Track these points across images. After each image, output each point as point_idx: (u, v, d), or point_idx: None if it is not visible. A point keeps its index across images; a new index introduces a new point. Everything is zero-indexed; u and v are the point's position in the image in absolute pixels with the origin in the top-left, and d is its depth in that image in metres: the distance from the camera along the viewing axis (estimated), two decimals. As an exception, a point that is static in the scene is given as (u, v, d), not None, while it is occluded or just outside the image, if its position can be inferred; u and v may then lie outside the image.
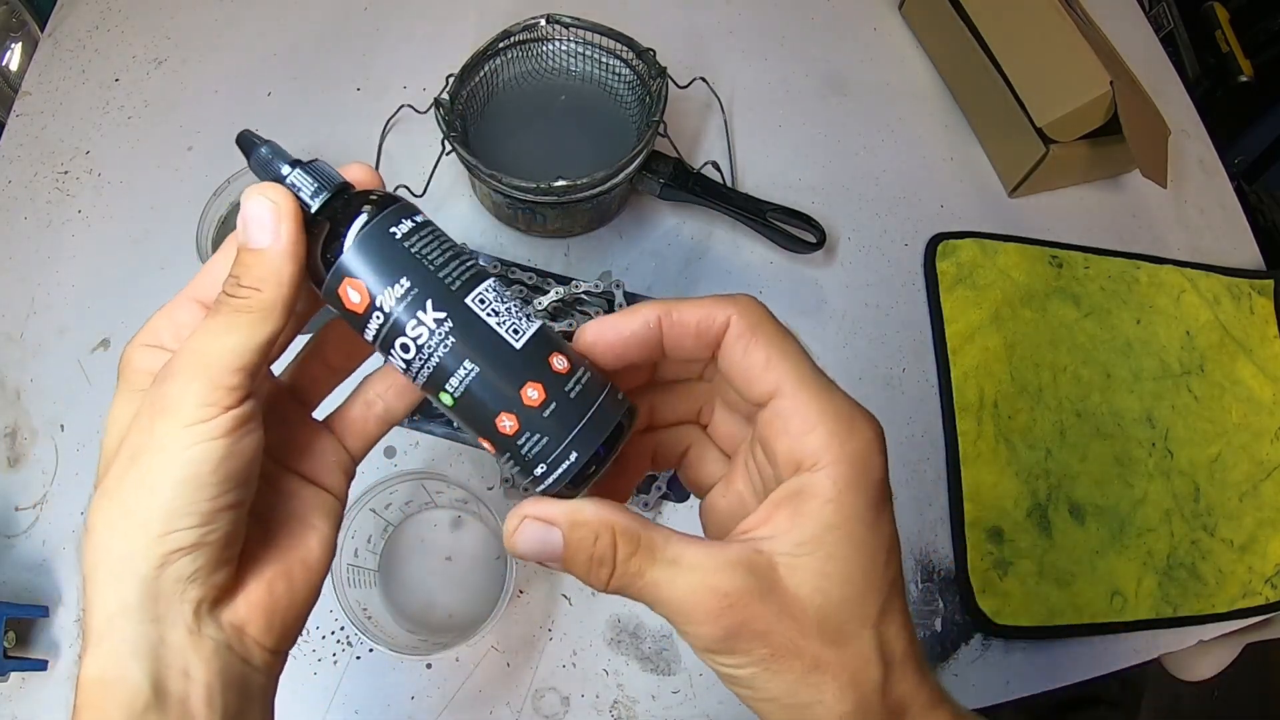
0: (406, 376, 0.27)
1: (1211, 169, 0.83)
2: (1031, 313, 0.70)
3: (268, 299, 0.26)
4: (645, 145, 0.61)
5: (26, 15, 0.76)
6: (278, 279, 0.26)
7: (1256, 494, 0.66)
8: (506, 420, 0.26)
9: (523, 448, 0.26)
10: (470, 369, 0.26)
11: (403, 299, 0.26)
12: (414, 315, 0.26)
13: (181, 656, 0.25)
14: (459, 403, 0.26)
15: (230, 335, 0.26)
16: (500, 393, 0.26)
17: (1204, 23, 1.21)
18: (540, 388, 0.26)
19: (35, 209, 0.68)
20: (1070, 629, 0.60)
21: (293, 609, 0.29)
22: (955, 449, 0.64)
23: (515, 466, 0.27)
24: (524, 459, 0.26)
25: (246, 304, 0.26)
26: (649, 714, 0.55)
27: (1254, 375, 0.71)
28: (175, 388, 0.25)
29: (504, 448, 0.26)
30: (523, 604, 0.57)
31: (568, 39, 0.67)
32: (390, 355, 0.27)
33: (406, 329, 0.26)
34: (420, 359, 0.26)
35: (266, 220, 0.26)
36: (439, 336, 0.26)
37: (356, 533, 0.53)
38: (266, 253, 0.26)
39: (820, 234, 0.67)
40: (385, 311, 0.26)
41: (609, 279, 0.66)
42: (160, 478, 0.25)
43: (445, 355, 0.26)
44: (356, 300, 0.26)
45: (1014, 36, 0.72)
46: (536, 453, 0.26)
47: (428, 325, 0.26)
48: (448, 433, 0.61)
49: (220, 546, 0.26)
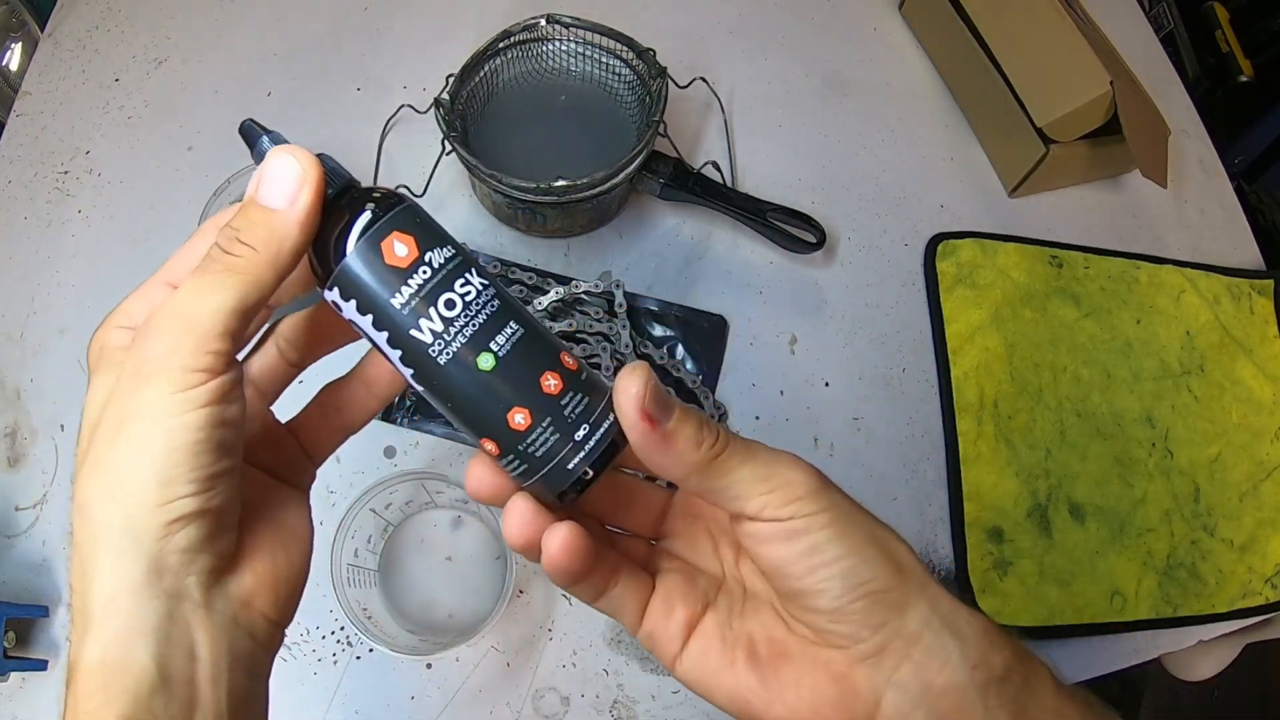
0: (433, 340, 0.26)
1: (1211, 169, 0.83)
2: (1031, 313, 0.70)
3: (264, 260, 0.25)
4: (645, 145, 0.61)
5: (26, 15, 0.76)
6: (280, 244, 0.25)
7: (1256, 494, 0.66)
8: (551, 379, 0.26)
9: (565, 406, 0.26)
10: (516, 329, 0.26)
11: (451, 259, 0.26)
12: (462, 274, 0.26)
13: (188, 634, 0.24)
14: (502, 362, 0.26)
15: (219, 294, 0.24)
16: (545, 353, 0.27)
17: (1204, 23, 1.21)
18: (573, 357, 0.28)
19: (35, 209, 0.68)
20: (1070, 629, 0.60)
21: (294, 579, 0.28)
22: (955, 449, 0.64)
23: (553, 431, 0.26)
24: (566, 420, 0.26)
25: (241, 262, 0.25)
26: (649, 714, 0.55)
27: (1254, 375, 0.71)
28: (159, 349, 0.24)
29: (544, 411, 0.26)
30: (523, 604, 0.57)
31: (568, 39, 0.67)
32: (425, 317, 0.26)
33: (455, 285, 0.26)
34: (466, 316, 0.26)
35: (290, 181, 0.25)
36: (486, 296, 0.26)
37: (356, 533, 0.53)
38: (279, 215, 0.25)
39: (820, 234, 0.67)
40: (434, 266, 0.26)
41: (609, 279, 0.66)
42: (153, 446, 0.23)
43: (492, 313, 0.26)
44: (404, 253, 0.26)
45: (1014, 36, 0.72)
46: (581, 411, 0.26)
47: (475, 285, 0.26)
48: (448, 433, 0.61)
49: (220, 514, 0.25)
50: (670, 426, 0.26)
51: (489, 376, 0.26)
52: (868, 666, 0.27)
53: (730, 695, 0.29)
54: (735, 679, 0.29)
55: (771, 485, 0.26)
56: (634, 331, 0.64)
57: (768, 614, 0.30)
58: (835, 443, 0.64)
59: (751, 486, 0.26)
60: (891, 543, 0.28)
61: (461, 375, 0.26)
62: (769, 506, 0.26)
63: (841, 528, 0.26)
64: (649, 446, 0.26)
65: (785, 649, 0.29)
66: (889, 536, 0.28)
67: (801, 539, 0.26)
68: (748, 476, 0.26)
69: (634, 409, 0.25)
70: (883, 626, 0.27)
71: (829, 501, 0.27)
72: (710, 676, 0.29)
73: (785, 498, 0.26)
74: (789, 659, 0.28)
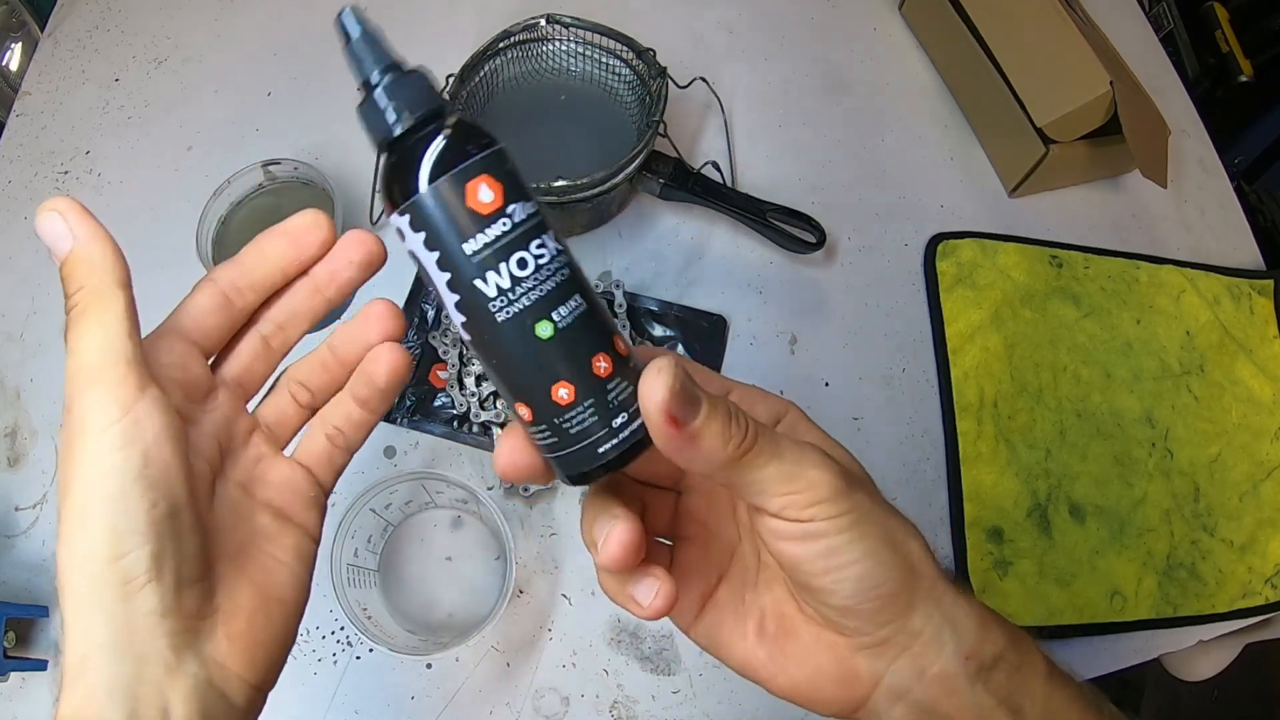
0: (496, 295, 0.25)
1: (1211, 169, 0.83)
2: (1031, 313, 0.70)
3: (96, 286, 0.26)
4: (645, 145, 0.61)
5: (26, 15, 0.76)
6: (91, 266, 0.26)
7: (1256, 494, 0.66)
8: (603, 361, 0.26)
9: (610, 391, 0.26)
10: (580, 303, 0.26)
11: (532, 217, 0.25)
12: (539, 235, 0.25)
13: (161, 695, 0.24)
14: (560, 333, 0.25)
15: (88, 338, 0.25)
16: (602, 332, 0.26)
17: (1204, 23, 1.22)
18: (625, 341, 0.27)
19: (35, 209, 0.67)
20: (1070, 629, 0.60)
21: (275, 643, 0.28)
22: (955, 449, 0.64)
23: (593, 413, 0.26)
24: (608, 404, 0.26)
25: (82, 306, 0.26)
26: (649, 714, 0.55)
27: (1254, 375, 0.71)
28: (78, 408, 0.24)
29: (590, 391, 0.25)
30: (523, 604, 0.57)
31: (568, 39, 0.67)
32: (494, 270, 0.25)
33: (531, 245, 0.25)
34: (535, 279, 0.25)
35: (59, 230, 0.27)
36: (559, 263, 0.25)
37: (356, 533, 0.53)
38: (72, 255, 0.27)
39: (820, 234, 0.67)
40: (515, 220, 0.25)
41: (609, 279, 0.66)
42: (90, 500, 0.24)
43: (560, 282, 0.25)
44: (488, 199, 0.25)
45: (1014, 36, 0.72)
46: (624, 398, 0.26)
47: (550, 249, 0.25)
48: (447, 432, 0.61)
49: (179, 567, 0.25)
50: (696, 425, 0.25)
51: (544, 345, 0.25)
52: (869, 655, 0.29)
53: (740, 663, 0.31)
54: (745, 649, 0.31)
55: (795, 486, 0.26)
56: (634, 331, 0.64)
57: (780, 589, 0.31)
58: (835, 443, 0.64)
59: (775, 485, 0.26)
60: (907, 542, 0.28)
61: (517, 337, 0.25)
62: (790, 507, 0.26)
63: (860, 531, 0.27)
64: (674, 448, 0.25)
65: (793, 627, 0.30)
66: (906, 535, 0.28)
67: (819, 541, 0.27)
68: (773, 475, 0.26)
69: (659, 412, 0.24)
70: (888, 624, 0.28)
71: (850, 504, 0.27)
72: (722, 646, 0.31)
73: (808, 500, 0.26)
74: (796, 637, 0.30)
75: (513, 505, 0.60)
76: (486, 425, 0.60)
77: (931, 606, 0.28)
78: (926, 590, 0.28)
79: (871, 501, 0.28)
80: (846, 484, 0.27)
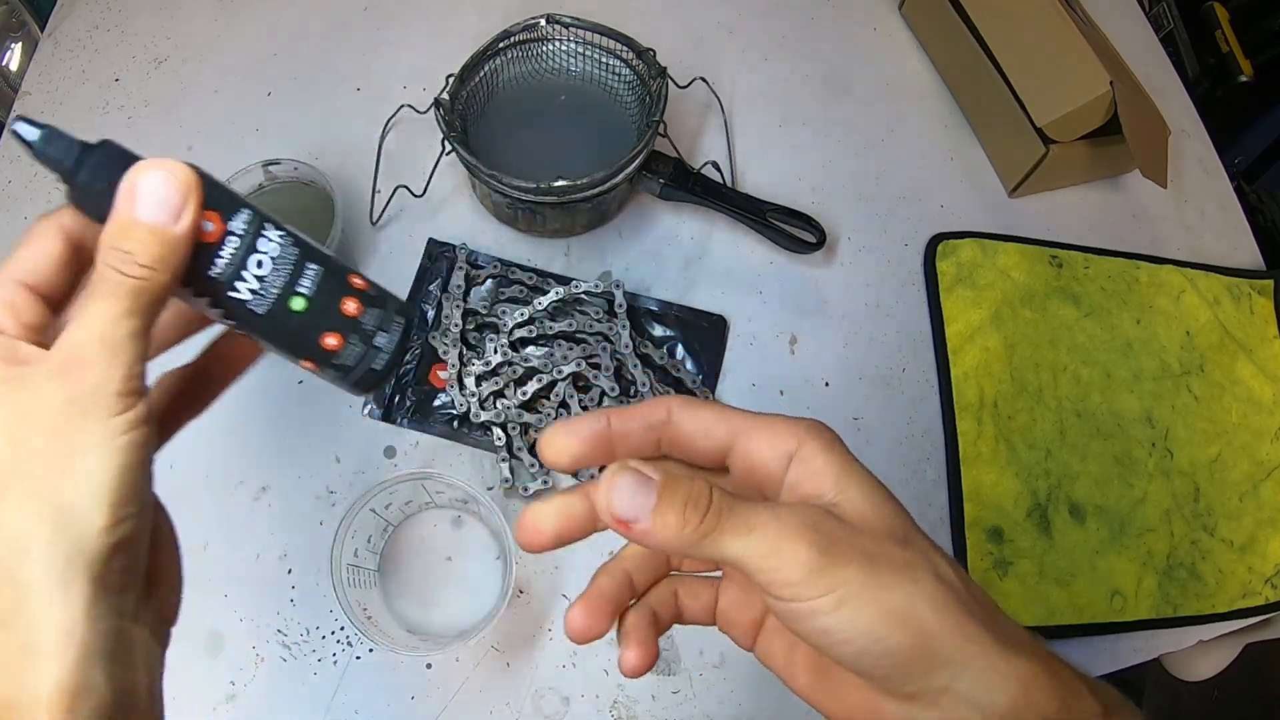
0: (251, 298, 0.29)
1: (1211, 169, 0.83)
2: (1031, 313, 0.70)
3: (164, 279, 0.25)
4: (645, 145, 0.61)
5: (26, 15, 0.76)
6: (175, 261, 0.25)
7: (1256, 494, 0.66)
8: (350, 304, 0.30)
9: (364, 323, 0.31)
10: (316, 268, 0.30)
11: (251, 221, 0.28)
12: (262, 234, 0.28)
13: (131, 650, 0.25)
14: (311, 301, 0.29)
15: (132, 319, 0.25)
16: (341, 281, 0.30)
17: (1204, 23, 1.22)
18: (361, 277, 0.31)
19: (35, 209, 0.68)
20: (1070, 629, 0.60)
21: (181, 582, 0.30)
22: (955, 449, 0.64)
23: (359, 343, 0.31)
24: (366, 332, 0.31)
25: (144, 284, 0.25)
26: (649, 714, 0.55)
27: (1254, 375, 0.71)
28: (92, 380, 0.24)
29: (349, 329, 0.31)
30: (523, 604, 0.57)
31: (568, 39, 0.67)
32: (241, 278, 0.28)
33: (260, 245, 0.28)
34: (275, 269, 0.29)
35: (173, 199, 0.26)
36: (286, 245, 0.29)
37: (356, 533, 0.53)
38: (169, 234, 0.25)
39: (820, 234, 0.67)
40: (240, 234, 0.28)
41: (609, 279, 0.66)
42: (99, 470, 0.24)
43: (294, 260, 0.29)
44: (212, 229, 0.27)
45: (1014, 36, 0.72)
46: (377, 322, 0.31)
47: (275, 240, 0.29)
48: (448, 432, 0.61)
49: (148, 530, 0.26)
50: (643, 527, 0.25)
51: (302, 315, 0.29)
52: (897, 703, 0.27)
53: (798, 688, 0.31)
54: (795, 676, 0.31)
55: (770, 564, 0.25)
56: (634, 332, 0.64)
57: None
58: (835, 443, 0.64)
59: (749, 564, 0.25)
60: (915, 609, 0.25)
61: (279, 319, 0.29)
62: (771, 586, 0.25)
63: (851, 611, 0.24)
64: (634, 539, 0.26)
65: (827, 663, 0.29)
66: (913, 600, 0.25)
67: (806, 621, 0.25)
68: (745, 551, 0.25)
69: (610, 519, 0.26)
70: (908, 683, 0.26)
71: (832, 582, 0.24)
72: (779, 670, 0.31)
73: (784, 579, 0.25)
74: (830, 672, 0.30)
75: (513, 505, 0.60)
76: (486, 425, 0.60)
77: (957, 669, 0.25)
78: (950, 653, 0.25)
79: (866, 572, 0.25)
80: (829, 559, 0.24)
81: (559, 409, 0.61)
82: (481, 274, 0.66)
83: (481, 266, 0.66)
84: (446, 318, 0.63)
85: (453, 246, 0.67)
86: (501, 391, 0.61)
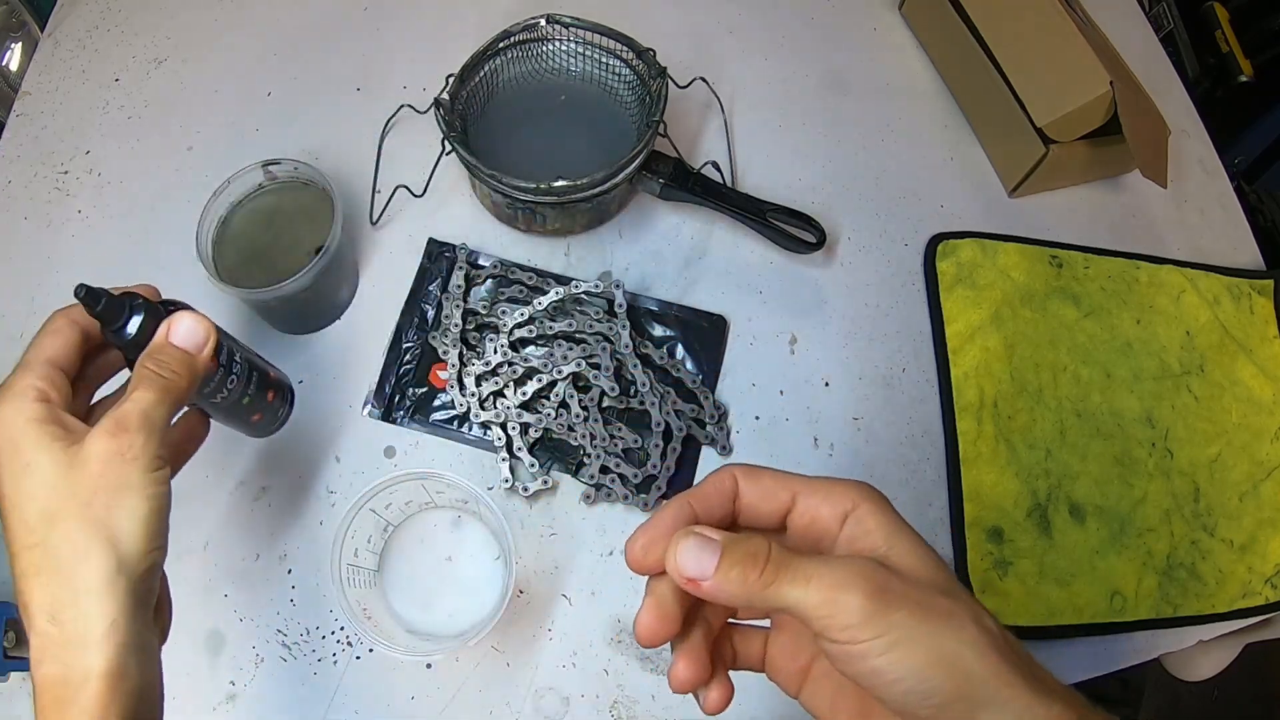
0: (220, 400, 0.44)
1: (1211, 169, 0.83)
2: (1031, 313, 0.70)
3: (186, 384, 0.38)
4: (645, 145, 0.61)
5: (26, 15, 0.76)
6: (195, 374, 0.39)
7: (1256, 494, 0.66)
8: (270, 394, 0.48)
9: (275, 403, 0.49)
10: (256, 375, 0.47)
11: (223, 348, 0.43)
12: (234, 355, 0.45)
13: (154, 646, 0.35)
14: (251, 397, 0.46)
15: (165, 404, 0.36)
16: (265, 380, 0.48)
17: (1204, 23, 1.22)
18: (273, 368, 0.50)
19: (35, 209, 0.68)
20: (1070, 629, 0.60)
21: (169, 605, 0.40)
22: (955, 449, 0.64)
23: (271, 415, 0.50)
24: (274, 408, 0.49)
25: (175, 381, 0.37)
26: (649, 714, 0.55)
27: (1254, 375, 0.71)
28: (139, 441, 0.34)
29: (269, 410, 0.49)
30: (523, 604, 0.57)
31: (568, 39, 0.67)
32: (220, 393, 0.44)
33: (232, 366, 0.44)
34: (235, 380, 0.45)
35: (199, 338, 0.39)
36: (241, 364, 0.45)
37: (356, 533, 0.53)
38: (191, 357, 0.38)
39: (820, 234, 0.67)
40: (223, 362, 0.43)
41: (609, 279, 0.66)
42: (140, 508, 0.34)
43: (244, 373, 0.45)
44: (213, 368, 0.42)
45: (1014, 36, 0.72)
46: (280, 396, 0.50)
47: (239, 356, 0.45)
48: (448, 432, 0.61)
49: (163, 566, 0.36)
50: (709, 585, 0.28)
51: (245, 405, 0.46)
52: None
53: None
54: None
55: (827, 610, 0.27)
56: (634, 332, 0.64)
57: None
58: (835, 443, 0.64)
59: (808, 610, 0.27)
60: (960, 653, 0.27)
61: (232, 409, 0.46)
62: (828, 630, 0.27)
63: (902, 653, 0.27)
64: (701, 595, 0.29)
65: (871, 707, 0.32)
66: (961, 644, 0.27)
67: (860, 662, 0.27)
68: (804, 600, 0.27)
69: (680, 579, 0.29)
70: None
71: (885, 625, 0.27)
72: (822, 714, 0.34)
73: (840, 624, 0.27)
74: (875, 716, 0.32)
75: (513, 505, 0.60)
76: (486, 425, 0.60)
77: (996, 710, 0.27)
78: (990, 696, 0.27)
79: (915, 618, 0.27)
80: (882, 605, 0.27)
81: (559, 409, 0.61)
82: (481, 274, 0.66)
83: (481, 266, 0.66)
84: (446, 318, 0.63)
85: (453, 246, 0.67)
86: (501, 391, 0.61)
